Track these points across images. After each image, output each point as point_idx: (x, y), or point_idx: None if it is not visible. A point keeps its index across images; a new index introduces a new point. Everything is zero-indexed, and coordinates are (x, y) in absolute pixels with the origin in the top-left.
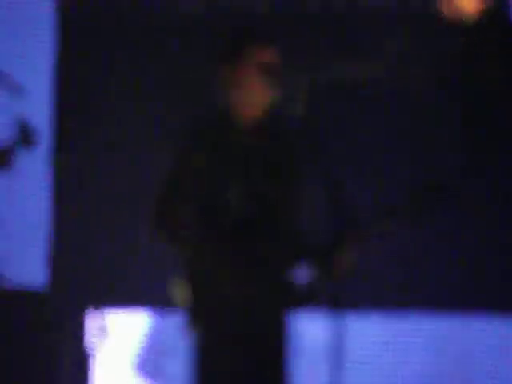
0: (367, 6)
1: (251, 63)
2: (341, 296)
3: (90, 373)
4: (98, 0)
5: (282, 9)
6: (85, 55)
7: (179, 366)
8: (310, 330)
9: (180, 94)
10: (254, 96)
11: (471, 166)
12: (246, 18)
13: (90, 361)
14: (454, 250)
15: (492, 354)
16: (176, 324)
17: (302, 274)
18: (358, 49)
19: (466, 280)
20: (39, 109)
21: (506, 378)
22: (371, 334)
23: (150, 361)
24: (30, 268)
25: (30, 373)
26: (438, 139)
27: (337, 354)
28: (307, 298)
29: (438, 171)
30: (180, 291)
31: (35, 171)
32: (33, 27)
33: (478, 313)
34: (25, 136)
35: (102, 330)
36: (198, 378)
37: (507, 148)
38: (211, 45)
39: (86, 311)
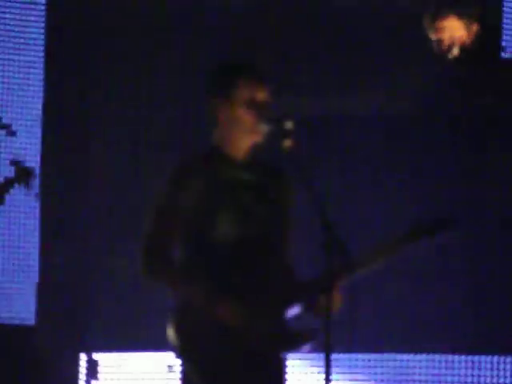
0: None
1: (244, 99)
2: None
3: None
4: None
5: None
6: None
7: None
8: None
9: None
10: (245, 131)
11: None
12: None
13: None
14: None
15: None
16: (168, 365)
17: (293, 312)
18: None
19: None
20: (29, 146)
21: None
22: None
23: None
24: (20, 305)
25: None
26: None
27: None
28: (301, 337)
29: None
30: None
31: (26, 207)
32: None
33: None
34: (21, 175)
35: (93, 370)
36: None
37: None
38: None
39: (76, 351)
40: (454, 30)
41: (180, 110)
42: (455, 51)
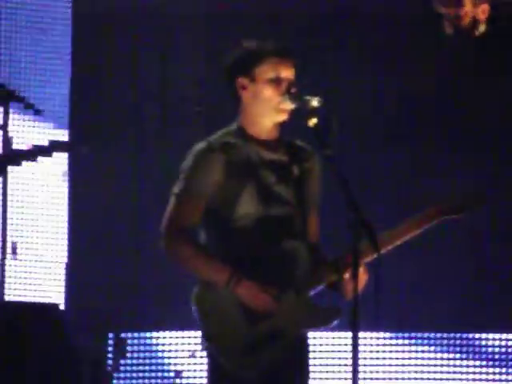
0: None
1: (268, 77)
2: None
3: None
4: None
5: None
6: None
7: None
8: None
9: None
10: (269, 109)
11: None
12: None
13: (109, 381)
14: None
15: None
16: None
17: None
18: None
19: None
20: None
21: None
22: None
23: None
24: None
25: None
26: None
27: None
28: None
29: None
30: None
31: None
32: None
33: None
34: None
35: (120, 350)
36: None
37: None
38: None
39: (104, 331)
40: (474, 5)
41: (204, 90)
42: (482, 27)
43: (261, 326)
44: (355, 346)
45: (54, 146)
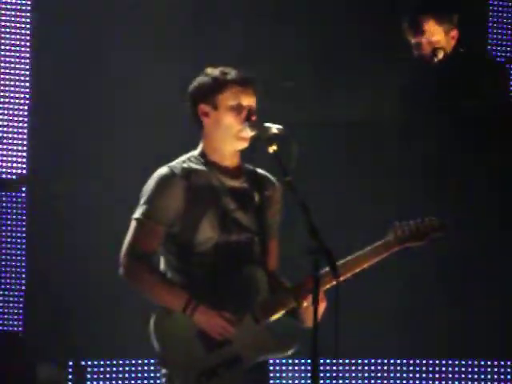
0: None
1: (229, 105)
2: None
3: None
4: None
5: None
6: None
7: None
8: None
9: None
10: (230, 136)
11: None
12: None
13: None
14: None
15: None
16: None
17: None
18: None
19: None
20: None
21: None
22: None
23: None
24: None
25: None
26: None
27: None
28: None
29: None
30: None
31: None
32: None
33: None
34: None
35: (80, 378)
36: None
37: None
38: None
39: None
40: (433, 35)
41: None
42: (440, 55)
43: (218, 352)
44: (315, 372)
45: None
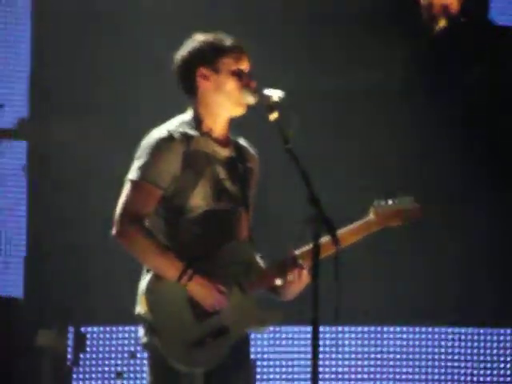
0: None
1: (231, 68)
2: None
3: None
4: None
5: None
6: None
7: None
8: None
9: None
10: (230, 101)
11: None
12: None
13: (69, 374)
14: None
15: None
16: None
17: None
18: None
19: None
20: None
21: None
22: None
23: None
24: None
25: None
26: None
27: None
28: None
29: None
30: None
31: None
32: None
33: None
34: None
35: (80, 344)
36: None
37: None
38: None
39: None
40: None
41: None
42: (442, 22)
43: (207, 323)
44: (315, 340)
45: None
